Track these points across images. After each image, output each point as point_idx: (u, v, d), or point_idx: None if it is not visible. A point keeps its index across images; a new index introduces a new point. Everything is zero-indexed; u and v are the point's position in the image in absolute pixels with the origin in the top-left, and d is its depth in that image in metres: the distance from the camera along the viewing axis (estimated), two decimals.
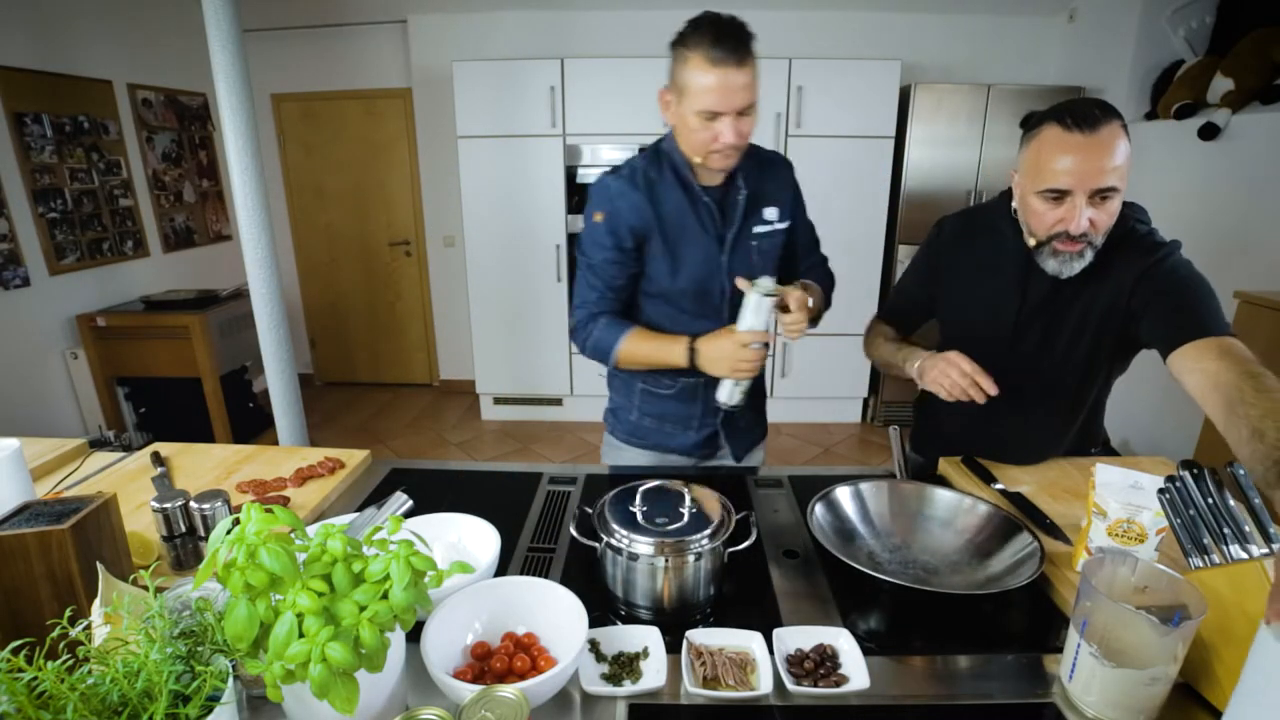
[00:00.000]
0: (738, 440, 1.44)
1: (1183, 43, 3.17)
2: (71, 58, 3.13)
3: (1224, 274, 2.71)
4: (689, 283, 1.28)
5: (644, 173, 1.26)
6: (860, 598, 0.96)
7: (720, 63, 1.09)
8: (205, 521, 1.04)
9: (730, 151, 1.18)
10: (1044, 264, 1.10)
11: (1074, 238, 1.03)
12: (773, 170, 1.34)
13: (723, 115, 1.13)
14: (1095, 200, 1.00)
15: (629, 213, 1.24)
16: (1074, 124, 0.98)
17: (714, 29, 1.10)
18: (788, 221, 1.35)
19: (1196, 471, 0.83)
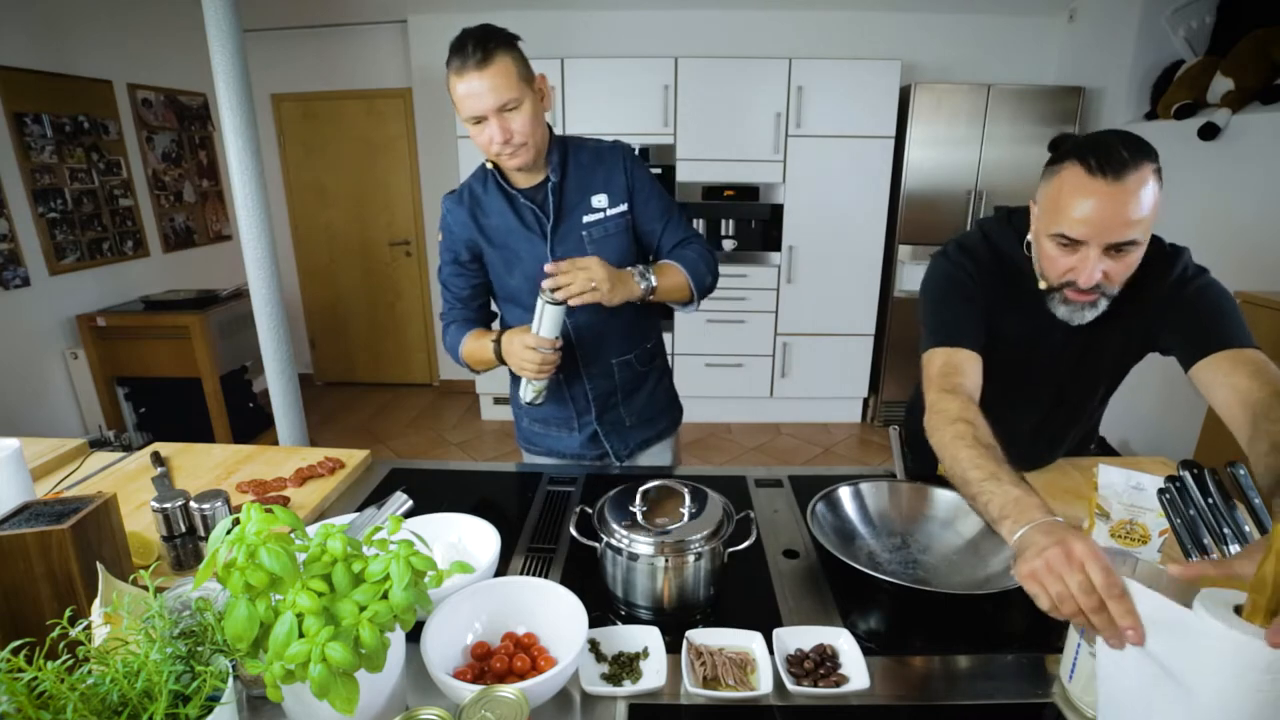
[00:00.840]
0: (619, 439, 1.45)
1: (1183, 43, 3.17)
2: (71, 58, 3.13)
3: (1224, 274, 2.69)
4: (524, 282, 1.32)
5: (470, 190, 1.34)
6: (860, 598, 0.96)
7: (461, 70, 1.14)
8: (205, 521, 1.04)
9: (512, 150, 1.19)
10: (1054, 309, 1.03)
11: (1084, 290, 0.96)
12: (600, 157, 1.34)
13: (484, 118, 1.16)
14: (1111, 253, 0.92)
15: (458, 229, 1.33)
16: (1098, 168, 0.88)
17: (457, 40, 1.15)
18: (623, 205, 1.34)
19: (1196, 471, 0.83)
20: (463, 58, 1.14)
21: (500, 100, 1.15)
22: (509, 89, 1.15)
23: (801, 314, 3.77)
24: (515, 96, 1.17)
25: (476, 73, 1.13)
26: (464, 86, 1.15)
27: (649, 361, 1.47)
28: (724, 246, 3.76)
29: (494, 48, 1.15)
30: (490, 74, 1.14)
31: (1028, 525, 0.73)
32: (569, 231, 1.30)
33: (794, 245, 3.68)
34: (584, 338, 1.36)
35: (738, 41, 3.79)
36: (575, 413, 1.42)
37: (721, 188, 3.61)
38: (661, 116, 3.48)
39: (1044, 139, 3.47)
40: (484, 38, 1.15)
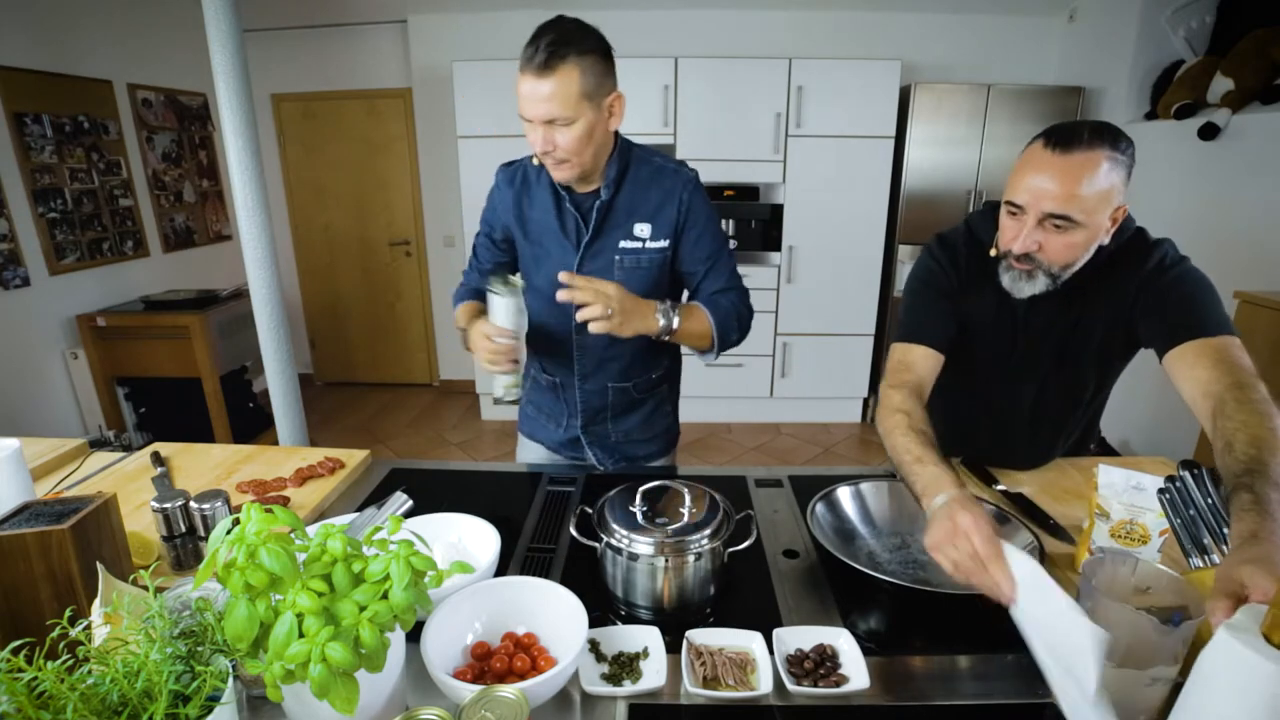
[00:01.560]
0: (603, 450, 1.44)
1: (1183, 43, 3.17)
2: (71, 58, 3.13)
3: (1224, 274, 2.70)
4: (545, 283, 1.26)
5: (524, 172, 1.31)
6: (860, 598, 0.96)
7: (524, 67, 1.07)
8: (205, 521, 1.04)
9: (554, 163, 1.15)
10: (1001, 277, 1.06)
11: (1018, 257, 0.99)
12: (660, 183, 1.24)
13: (531, 122, 1.11)
14: (1049, 225, 0.95)
15: (501, 208, 1.34)
16: (1054, 143, 0.94)
17: (536, 31, 1.07)
18: (664, 241, 1.25)
19: (1196, 471, 0.83)
20: (529, 55, 1.06)
21: (550, 114, 1.08)
22: (563, 105, 1.07)
23: (801, 314, 3.77)
24: (568, 115, 1.09)
25: (535, 78, 1.06)
26: (522, 85, 1.09)
27: (648, 390, 1.42)
28: None
29: (564, 54, 1.05)
30: (549, 83, 1.06)
31: (937, 500, 0.82)
32: (602, 250, 1.26)
33: (794, 245, 3.69)
34: (585, 357, 1.34)
35: (738, 41, 3.79)
36: (565, 414, 1.43)
37: (721, 188, 3.61)
38: (661, 116, 3.48)
39: None
40: (557, 42, 1.05)
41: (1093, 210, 0.92)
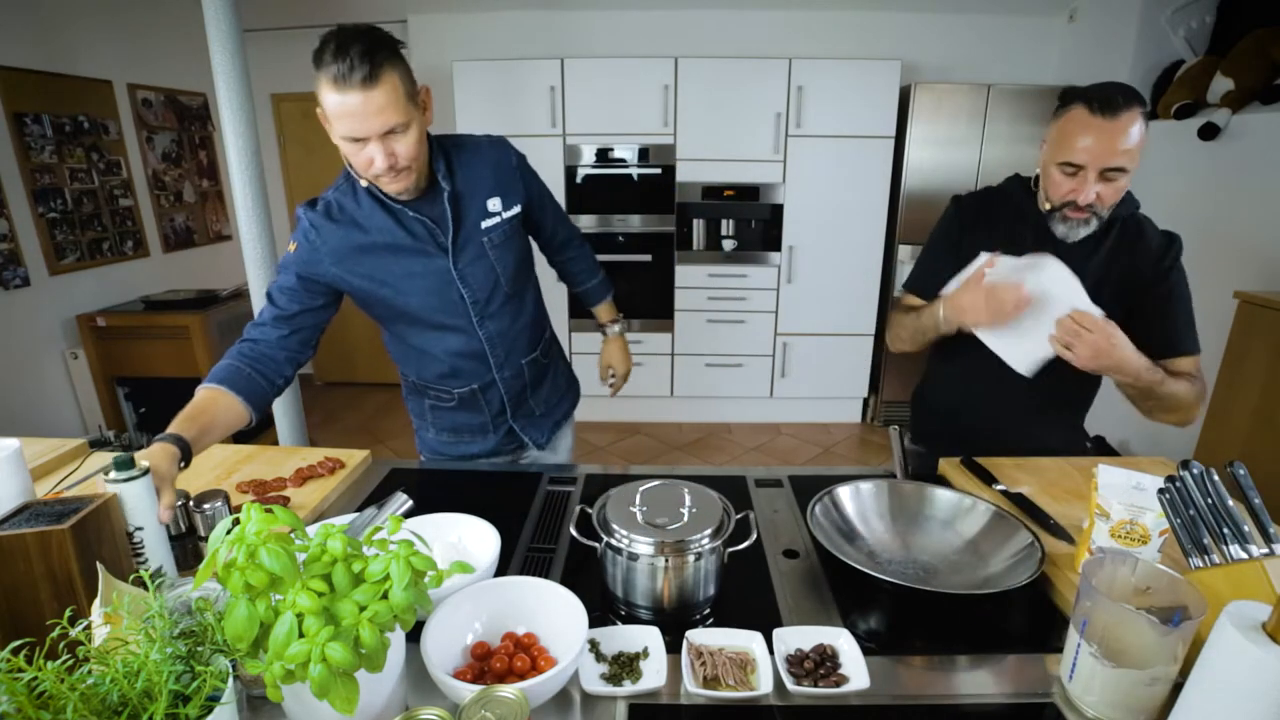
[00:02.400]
0: (535, 429, 1.46)
1: (1183, 43, 3.17)
2: (71, 58, 3.13)
3: (1224, 274, 2.71)
4: (423, 299, 1.23)
5: (338, 205, 1.18)
6: (860, 598, 0.96)
7: (343, 83, 0.98)
8: (205, 521, 1.04)
9: (394, 175, 1.09)
10: (1054, 228, 1.21)
11: (1081, 207, 1.15)
12: (486, 156, 1.25)
13: (366, 140, 1.04)
14: (1105, 176, 1.12)
15: (324, 249, 1.17)
16: (1099, 108, 1.10)
17: (335, 44, 0.98)
18: (517, 207, 1.28)
19: (1196, 471, 0.83)
20: (343, 69, 0.97)
21: (386, 125, 1.02)
22: (396, 112, 1.02)
23: (801, 314, 3.77)
24: (402, 120, 1.04)
25: (361, 92, 0.98)
26: (340, 103, 0.99)
27: (549, 351, 1.48)
28: (724, 246, 3.76)
29: (381, 60, 0.99)
30: (377, 94, 0.99)
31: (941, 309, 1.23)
32: (468, 239, 1.23)
33: (794, 245, 3.68)
34: (496, 346, 1.34)
35: (738, 41, 3.79)
36: (490, 417, 1.42)
37: (721, 188, 3.61)
38: (661, 116, 3.48)
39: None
40: (371, 49, 0.98)
41: (1136, 158, 1.11)
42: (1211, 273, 2.78)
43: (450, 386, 1.38)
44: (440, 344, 1.31)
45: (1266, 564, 0.75)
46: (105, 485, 0.87)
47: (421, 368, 1.38)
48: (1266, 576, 0.74)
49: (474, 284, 1.26)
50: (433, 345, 1.31)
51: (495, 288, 1.29)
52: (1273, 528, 0.79)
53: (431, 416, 1.46)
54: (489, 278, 1.27)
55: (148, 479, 0.89)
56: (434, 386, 1.40)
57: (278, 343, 1.18)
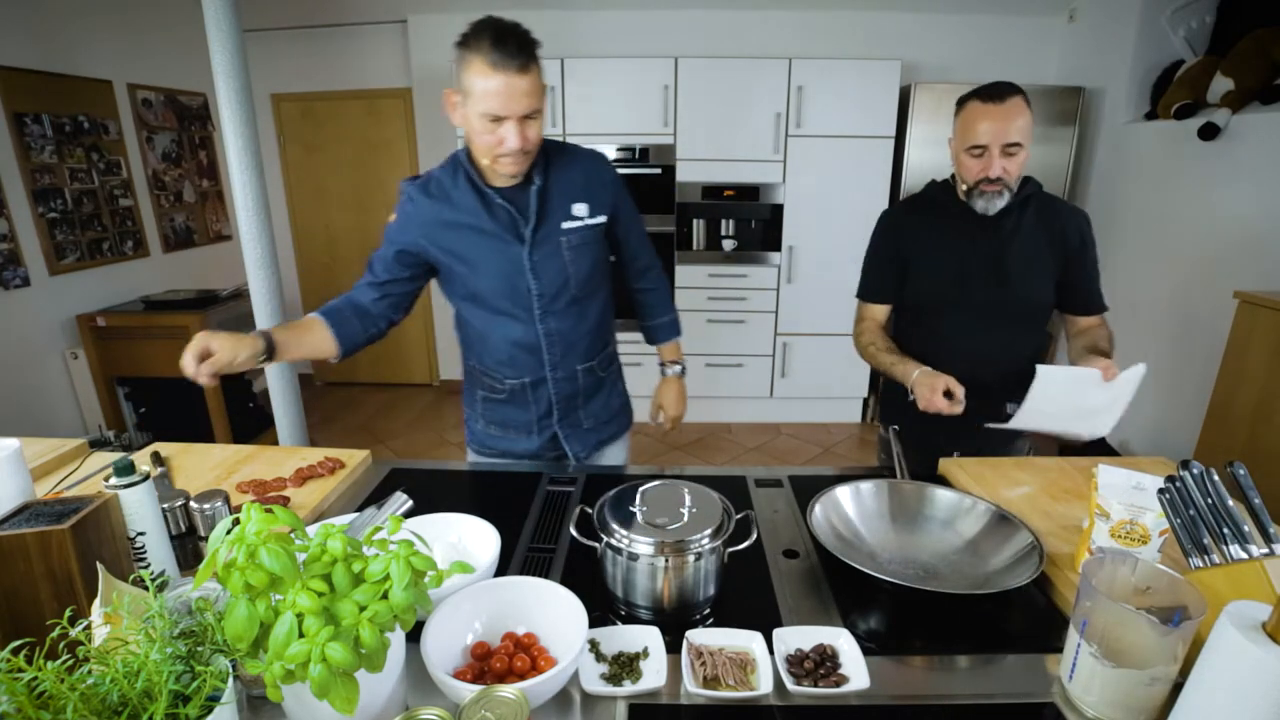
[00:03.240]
0: (578, 440, 1.47)
1: (1183, 43, 3.17)
2: (71, 58, 3.12)
3: (1224, 274, 2.71)
4: (493, 282, 1.30)
5: (439, 180, 1.30)
6: (860, 598, 0.96)
7: (501, 66, 1.10)
8: (205, 521, 1.04)
9: (517, 156, 1.18)
10: (974, 204, 1.39)
11: (993, 180, 1.34)
12: (583, 166, 1.34)
13: (506, 120, 1.14)
14: (1006, 152, 1.32)
15: (415, 221, 1.29)
16: (989, 98, 1.31)
17: (494, 32, 1.10)
18: (602, 217, 1.35)
19: (1196, 472, 0.83)
20: (503, 55, 1.09)
21: (529, 108, 1.14)
22: (536, 99, 1.15)
23: (801, 314, 3.77)
24: (539, 108, 1.16)
25: (517, 76, 1.10)
26: (495, 84, 1.11)
27: (608, 367, 1.50)
28: (724, 246, 3.76)
29: (532, 52, 1.13)
30: (527, 80, 1.12)
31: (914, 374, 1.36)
32: (547, 236, 1.29)
33: (794, 245, 3.68)
34: (553, 343, 1.36)
35: (738, 41, 3.79)
36: (536, 416, 1.42)
37: (721, 188, 3.61)
38: (661, 116, 3.48)
39: (1044, 139, 3.47)
40: (526, 41, 1.13)
41: (1027, 136, 1.32)
42: (1211, 273, 2.78)
43: (504, 375, 1.40)
44: (500, 329, 1.35)
45: (1266, 564, 0.75)
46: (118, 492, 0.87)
47: (482, 351, 1.41)
48: (1266, 576, 0.74)
49: (544, 278, 1.30)
50: (493, 330, 1.35)
51: (563, 287, 1.33)
52: (1273, 528, 0.79)
53: (481, 407, 1.47)
54: (559, 276, 1.32)
55: (149, 484, 0.90)
56: (490, 374, 1.42)
57: (372, 304, 1.33)
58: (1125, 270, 3.33)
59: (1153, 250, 3.12)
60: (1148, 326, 3.15)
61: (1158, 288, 3.09)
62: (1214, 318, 2.63)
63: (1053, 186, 3.55)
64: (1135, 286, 3.25)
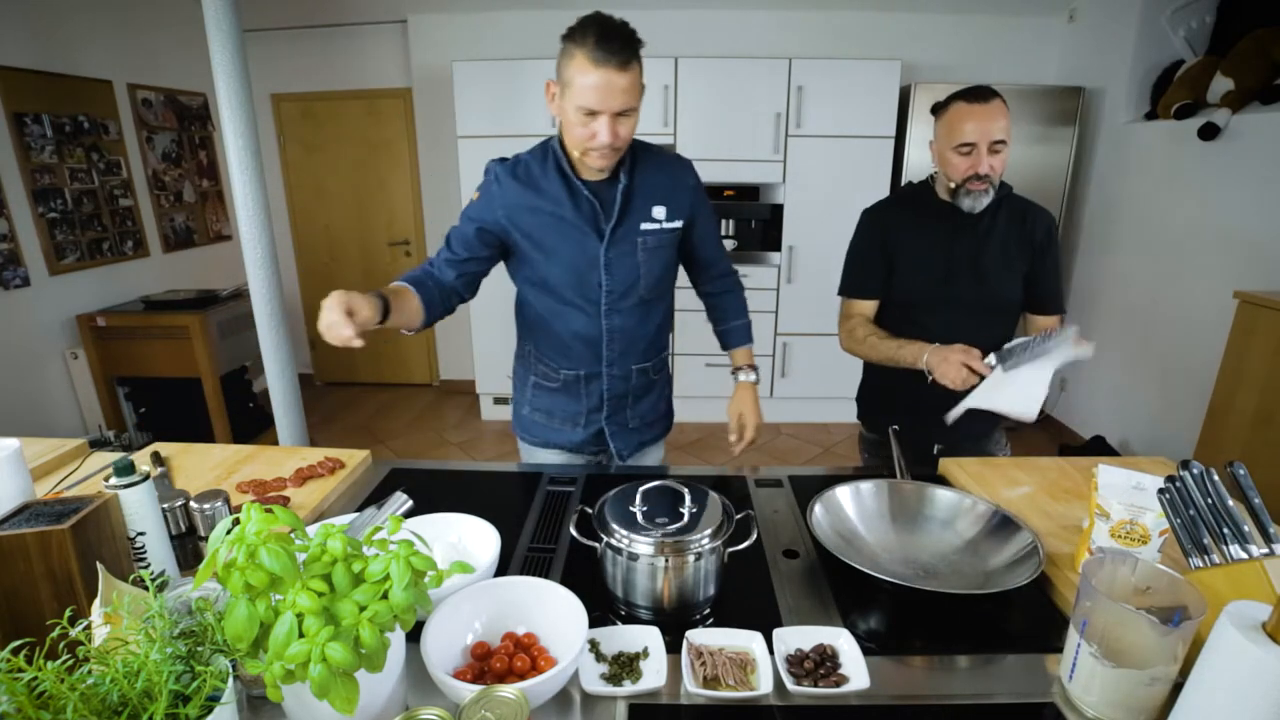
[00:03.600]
0: (623, 439, 1.47)
1: (1183, 43, 3.17)
2: (71, 58, 3.12)
3: (1224, 274, 2.71)
4: (564, 272, 1.31)
5: (527, 164, 1.30)
6: (860, 598, 0.96)
7: (602, 63, 1.11)
8: (205, 521, 1.04)
9: (606, 151, 1.19)
10: (961, 203, 1.42)
11: (980, 178, 1.37)
12: (668, 170, 1.35)
13: (600, 114, 1.15)
14: (991, 150, 1.36)
15: (499, 200, 1.28)
16: (974, 98, 1.37)
17: (599, 28, 1.12)
18: (679, 222, 1.36)
19: (1196, 472, 0.83)
20: (606, 50, 1.11)
21: (626, 105, 1.15)
22: (633, 97, 1.16)
23: (801, 314, 3.77)
24: (635, 106, 1.17)
25: (618, 72, 1.12)
26: (594, 78, 1.12)
27: (660, 370, 1.52)
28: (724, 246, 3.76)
29: (635, 50, 1.15)
30: (627, 76, 1.13)
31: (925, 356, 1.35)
32: (626, 235, 1.30)
33: (794, 245, 3.68)
34: (614, 340, 1.37)
35: (738, 41, 3.79)
36: (586, 409, 1.43)
37: (721, 188, 3.61)
38: (661, 116, 3.48)
39: (1044, 139, 3.48)
40: (630, 38, 1.14)
41: (1010, 135, 1.37)
42: (1211, 273, 2.78)
43: (560, 364, 1.40)
44: (564, 319, 1.35)
45: (1266, 564, 0.75)
46: (118, 492, 0.87)
47: (541, 337, 1.42)
48: (1266, 576, 0.74)
49: (616, 275, 1.32)
50: (556, 319, 1.36)
51: (633, 286, 1.34)
52: (1273, 528, 0.79)
53: (531, 393, 1.47)
54: (631, 275, 1.33)
55: (149, 484, 0.90)
56: (545, 361, 1.42)
57: (449, 280, 1.31)
58: (1125, 270, 3.33)
59: (1153, 250, 3.12)
60: (1147, 326, 3.15)
61: (1158, 288, 3.09)
62: (1214, 318, 2.63)
63: (1053, 186, 3.55)
64: (1135, 286, 3.25)
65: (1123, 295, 3.36)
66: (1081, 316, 3.66)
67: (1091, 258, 3.60)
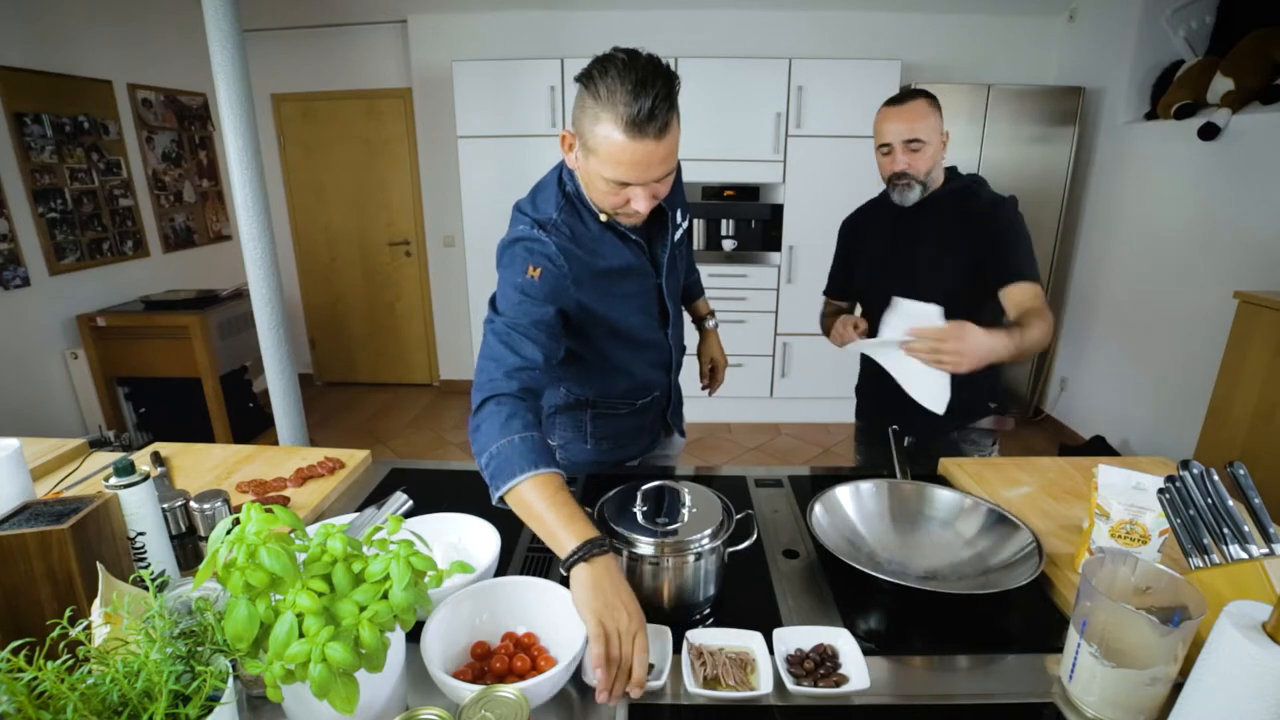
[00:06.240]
0: (678, 416, 1.50)
1: (1183, 43, 3.17)
2: (71, 58, 3.13)
3: (1224, 274, 2.71)
4: (639, 316, 1.23)
5: (566, 225, 1.09)
6: (860, 598, 0.96)
7: (638, 133, 0.89)
8: (205, 521, 1.04)
9: (642, 216, 1.04)
10: (893, 196, 1.47)
11: (899, 175, 1.43)
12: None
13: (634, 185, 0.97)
14: (909, 149, 1.39)
15: (573, 274, 1.07)
16: (893, 102, 1.42)
17: (632, 85, 0.88)
18: (688, 220, 1.35)
19: (1196, 472, 0.83)
20: (641, 114, 0.88)
21: (663, 173, 0.97)
22: (675, 155, 0.97)
23: (801, 314, 3.77)
24: (674, 165, 0.99)
25: (653, 142, 0.91)
26: (628, 151, 0.91)
27: None
28: (724, 246, 3.76)
29: (673, 105, 0.91)
30: (665, 144, 0.92)
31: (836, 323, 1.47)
32: (670, 256, 1.25)
33: (794, 245, 3.69)
34: (676, 351, 1.38)
35: (738, 41, 3.79)
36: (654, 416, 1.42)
37: (721, 188, 3.61)
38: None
39: (1044, 139, 3.48)
40: (669, 90, 0.90)
41: (930, 133, 1.39)
42: (1211, 273, 2.78)
43: (635, 399, 1.34)
44: (641, 359, 1.29)
45: (1266, 564, 0.75)
46: (121, 494, 0.87)
47: (608, 386, 1.31)
48: (1266, 576, 0.74)
49: (672, 294, 1.29)
50: (634, 363, 1.28)
51: (679, 294, 1.36)
52: (1273, 528, 0.79)
53: (592, 428, 1.36)
54: (678, 286, 1.34)
55: (149, 484, 0.90)
56: (611, 401, 1.34)
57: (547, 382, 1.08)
58: (1125, 270, 3.33)
59: (1153, 250, 3.12)
60: (1147, 326, 3.15)
61: (1158, 288, 3.09)
62: (1214, 318, 2.64)
63: (1053, 186, 3.55)
64: (1135, 286, 3.25)
65: (1123, 295, 3.36)
66: (1082, 316, 3.66)
67: (1091, 258, 3.60)
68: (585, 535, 0.82)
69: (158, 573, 0.89)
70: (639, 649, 0.75)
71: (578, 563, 0.80)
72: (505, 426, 0.92)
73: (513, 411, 0.93)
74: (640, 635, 0.76)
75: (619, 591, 0.78)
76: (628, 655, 0.75)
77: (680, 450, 1.60)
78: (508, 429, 0.91)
